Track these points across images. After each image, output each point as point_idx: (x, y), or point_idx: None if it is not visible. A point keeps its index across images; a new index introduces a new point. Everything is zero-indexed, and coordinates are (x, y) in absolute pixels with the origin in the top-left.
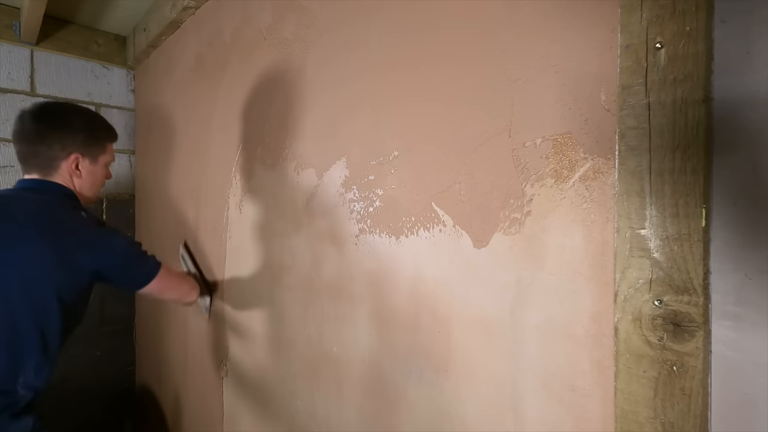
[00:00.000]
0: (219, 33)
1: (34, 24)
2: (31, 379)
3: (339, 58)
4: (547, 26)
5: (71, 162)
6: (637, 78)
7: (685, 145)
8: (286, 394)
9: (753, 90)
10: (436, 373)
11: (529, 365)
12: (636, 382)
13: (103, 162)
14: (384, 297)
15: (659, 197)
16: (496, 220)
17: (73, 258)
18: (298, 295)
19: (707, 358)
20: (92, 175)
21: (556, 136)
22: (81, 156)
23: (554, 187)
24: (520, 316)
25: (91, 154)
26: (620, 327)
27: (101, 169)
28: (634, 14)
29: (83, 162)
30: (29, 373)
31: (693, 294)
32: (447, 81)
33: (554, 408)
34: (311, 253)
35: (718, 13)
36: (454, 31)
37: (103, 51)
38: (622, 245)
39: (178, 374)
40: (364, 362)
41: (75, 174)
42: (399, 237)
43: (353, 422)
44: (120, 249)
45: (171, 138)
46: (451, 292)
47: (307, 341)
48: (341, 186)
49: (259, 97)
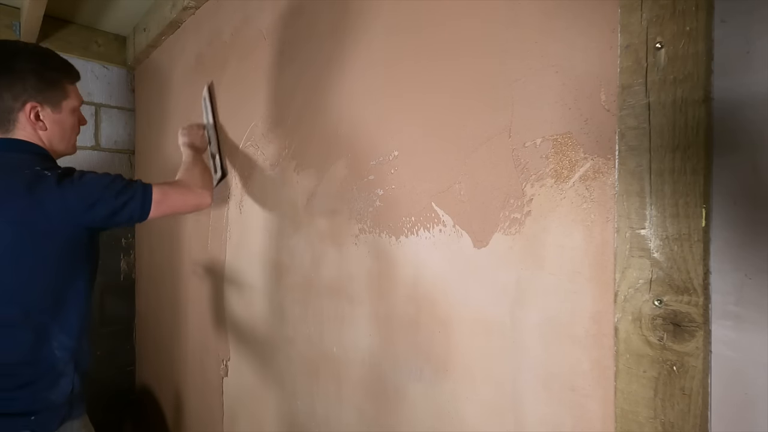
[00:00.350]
0: (219, 33)
1: (34, 24)
2: (64, 340)
3: (338, 58)
4: (547, 26)
5: (29, 112)
6: (637, 78)
7: (685, 145)
8: (286, 394)
9: (753, 90)
10: (435, 373)
11: (529, 365)
12: (636, 382)
13: (68, 108)
14: (384, 297)
15: (659, 197)
16: (496, 220)
17: (32, 218)
18: (298, 295)
19: (707, 358)
20: (59, 124)
21: (556, 136)
22: (39, 104)
23: (554, 187)
24: (520, 316)
25: (51, 101)
26: (620, 327)
27: (68, 116)
28: (634, 14)
29: (44, 111)
30: (58, 336)
31: (693, 294)
32: (447, 81)
33: (554, 408)
34: (311, 253)
35: (718, 13)
36: (454, 31)
37: (103, 51)
38: (622, 245)
39: (178, 374)
40: (364, 362)
41: (38, 126)
42: (399, 237)
43: (353, 422)
44: (80, 185)
45: (171, 138)
46: (451, 292)
47: (307, 341)
48: (341, 186)
49: (260, 97)
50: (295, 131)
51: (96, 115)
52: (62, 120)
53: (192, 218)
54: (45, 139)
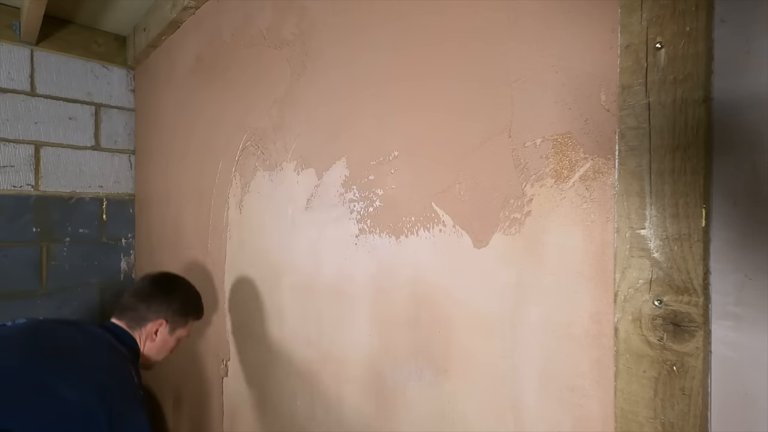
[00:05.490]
0: (219, 33)
1: (34, 24)
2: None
3: (339, 58)
4: (547, 26)
5: (155, 325)
6: (637, 78)
7: (685, 145)
8: (286, 394)
9: (753, 90)
10: (435, 373)
11: (529, 365)
12: (636, 382)
13: (178, 335)
14: (384, 297)
15: (659, 197)
16: (496, 220)
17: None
18: (298, 295)
19: (707, 358)
20: (164, 342)
21: (556, 136)
22: (165, 323)
23: (554, 187)
24: (520, 316)
25: (173, 326)
26: (620, 327)
27: (173, 341)
28: (634, 14)
29: (163, 329)
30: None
31: (693, 294)
32: (447, 80)
33: (554, 408)
34: (311, 253)
35: (718, 13)
36: (454, 31)
37: (103, 51)
38: (622, 245)
39: (178, 374)
40: (364, 362)
41: (150, 337)
42: (399, 237)
43: (353, 422)
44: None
45: (171, 138)
46: (451, 292)
47: (307, 341)
48: (341, 186)
49: (260, 97)
50: (295, 131)
51: (96, 115)
52: (168, 341)
53: (192, 218)
54: (146, 348)
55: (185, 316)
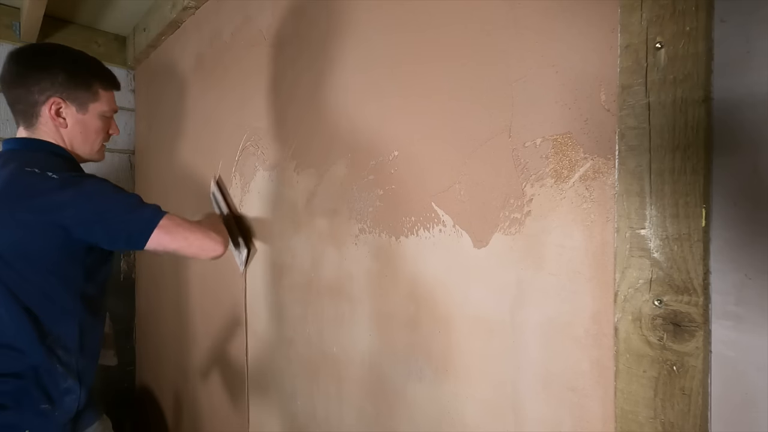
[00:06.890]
0: (219, 33)
1: (34, 24)
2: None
3: (340, 59)
4: (547, 26)
5: (50, 106)
6: (637, 78)
7: (685, 145)
8: (286, 394)
9: (753, 90)
10: (435, 373)
11: (529, 365)
12: (636, 382)
13: (95, 110)
14: (384, 297)
15: (659, 197)
16: (496, 220)
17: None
18: (298, 295)
19: (707, 358)
20: (82, 125)
21: (556, 136)
22: (63, 101)
23: (554, 187)
24: (520, 316)
25: (77, 100)
26: (620, 327)
27: (94, 119)
28: (634, 14)
29: (67, 108)
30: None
31: (693, 294)
32: (447, 80)
33: (554, 408)
34: (311, 253)
35: (718, 13)
36: (454, 31)
37: (103, 51)
38: (622, 245)
39: (178, 374)
40: (364, 362)
41: (58, 123)
42: (399, 237)
43: (353, 422)
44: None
45: (171, 138)
46: (451, 292)
47: (307, 341)
48: (341, 186)
49: (260, 97)
50: (295, 131)
51: None
52: (86, 121)
53: (192, 218)
54: (66, 139)
55: (85, 83)
